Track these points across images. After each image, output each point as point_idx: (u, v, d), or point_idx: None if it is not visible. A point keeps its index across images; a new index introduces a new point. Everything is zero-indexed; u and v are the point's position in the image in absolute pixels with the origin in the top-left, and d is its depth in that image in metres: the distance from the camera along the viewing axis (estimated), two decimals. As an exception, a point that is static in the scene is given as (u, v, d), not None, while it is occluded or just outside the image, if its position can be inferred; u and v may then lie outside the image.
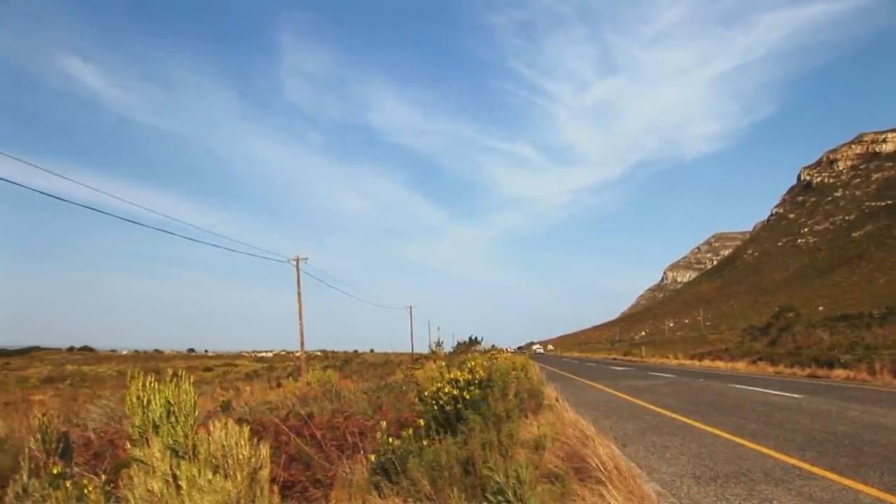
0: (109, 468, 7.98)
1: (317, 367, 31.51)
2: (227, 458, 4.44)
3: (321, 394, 19.63)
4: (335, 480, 7.47)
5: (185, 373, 5.21)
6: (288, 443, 9.03)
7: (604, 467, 7.16)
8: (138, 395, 5.00)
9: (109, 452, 9.55)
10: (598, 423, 12.14)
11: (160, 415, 4.85)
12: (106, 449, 9.94)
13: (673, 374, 38.15)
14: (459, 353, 37.41)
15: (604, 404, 19.42)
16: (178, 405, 4.89)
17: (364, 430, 10.00)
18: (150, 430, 4.86)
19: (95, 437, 11.80)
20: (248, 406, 18.86)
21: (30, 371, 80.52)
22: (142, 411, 4.96)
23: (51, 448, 8.47)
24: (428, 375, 20.22)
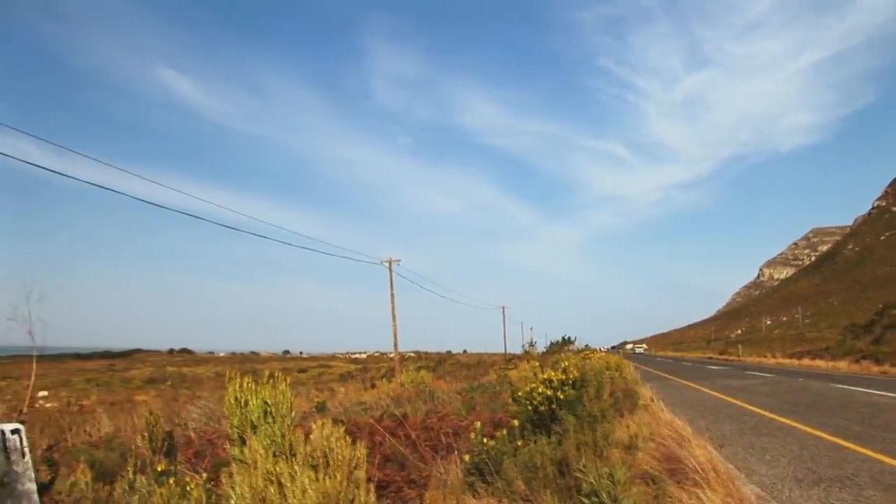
0: (210, 466, 8.24)
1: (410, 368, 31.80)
2: (324, 457, 4.51)
3: (415, 394, 19.78)
4: (430, 480, 7.50)
5: (281, 374, 5.33)
6: (383, 443, 9.13)
7: (701, 469, 7.00)
8: (236, 395, 5.14)
9: (209, 451, 9.86)
10: (694, 423, 11.91)
11: (258, 415, 4.98)
12: (206, 448, 10.27)
13: (771, 374, 37.01)
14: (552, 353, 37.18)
15: (700, 404, 19.02)
16: (274, 406, 5.00)
17: (458, 430, 10.02)
18: (248, 429, 4.99)
19: (196, 436, 12.22)
20: (343, 407, 19.16)
21: (133, 372, 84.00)
22: (240, 412, 5.09)
23: (156, 446, 8.80)
24: (521, 375, 20.14)
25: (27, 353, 9.81)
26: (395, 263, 40.70)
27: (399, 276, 40.60)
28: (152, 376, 78.09)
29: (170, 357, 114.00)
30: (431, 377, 28.04)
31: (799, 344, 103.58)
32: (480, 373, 40.13)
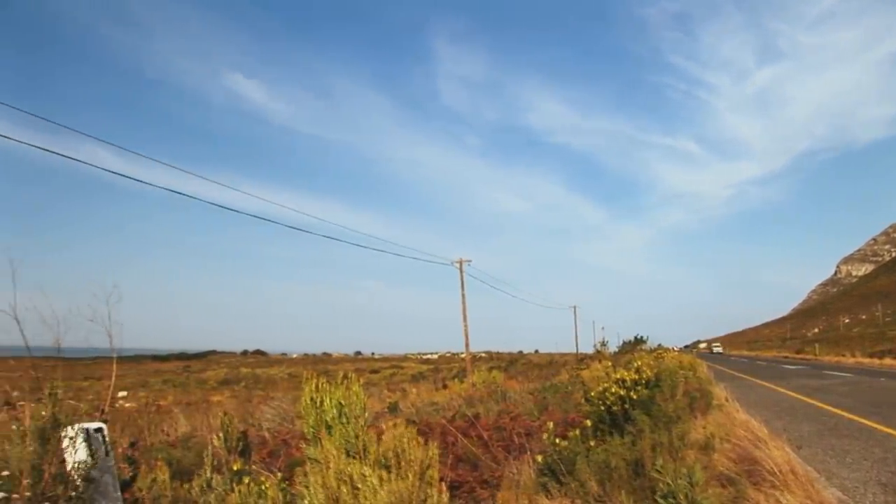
0: (284, 466, 8.40)
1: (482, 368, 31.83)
2: (397, 457, 4.56)
3: (487, 395, 19.80)
4: (502, 481, 7.51)
5: (354, 375, 5.41)
6: (455, 443, 9.17)
7: (779, 470, 6.85)
8: (312, 396, 5.24)
9: (283, 451, 10.05)
10: (770, 423, 11.65)
11: (332, 416, 5.06)
12: (280, 448, 10.47)
13: (850, 373, 35.88)
14: (625, 353, 36.77)
15: (775, 404, 18.60)
16: (348, 406, 5.08)
17: (530, 430, 10.01)
18: (322, 429, 5.07)
19: (270, 436, 12.47)
20: (415, 407, 19.30)
21: (208, 374, 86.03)
22: (315, 412, 5.19)
23: (231, 446, 9.01)
24: (593, 375, 19.99)
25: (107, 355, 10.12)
26: (465, 264, 40.72)
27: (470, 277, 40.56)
28: (227, 377, 79.85)
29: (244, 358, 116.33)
30: (503, 377, 28.03)
31: (879, 343, 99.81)
32: (552, 373, 39.95)
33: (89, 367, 56.22)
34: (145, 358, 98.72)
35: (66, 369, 8.06)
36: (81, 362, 58.32)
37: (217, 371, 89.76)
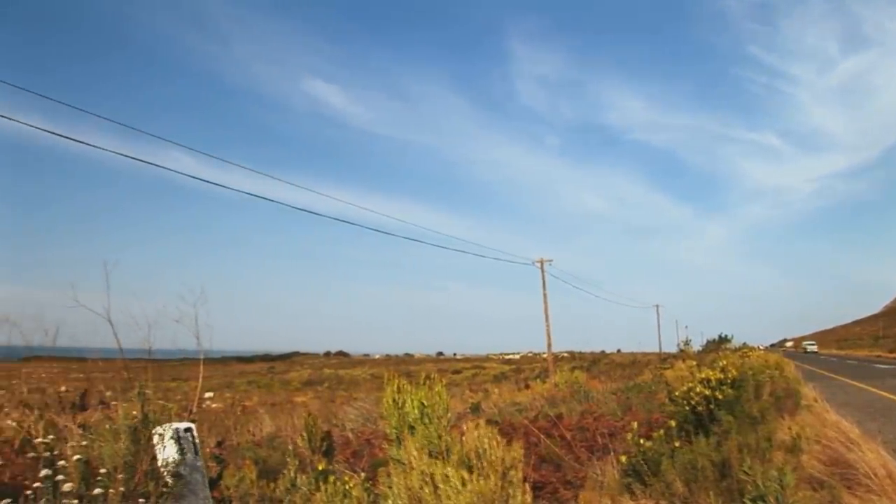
0: (367, 466, 8.52)
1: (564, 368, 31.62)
2: (480, 458, 4.58)
3: (569, 395, 19.70)
4: (586, 482, 7.47)
5: (437, 375, 5.45)
6: (538, 444, 9.15)
7: (874, 474, 6.59)
8: (394, 397, 5.30)
9: (367, 451, 10.19)
10: (863, 425, 11.25)
11: (415, 416, 5.11)
12: (363, 448, 10.62)
13: (949, 374, 34.09)
14: (709, 352, 36.01)
15: (868, 405, 17.90)
16: (431, 407, 5.12)
17: (614, 431, 9.92)
18: (405, 430, 5.13)
19: (353, 436, 12.65)
20: (497, 407, 19.31)
21: (291, 374, 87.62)
22: (398, 413, 5.25)
23: (316, 446, 9.18)
24: (677, 375, 19.65)
25: (194, 357, 10.43)
26: (547, 264, 40.48)
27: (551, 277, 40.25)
28: (310, 378, 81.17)
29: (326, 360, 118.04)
30: (585, 377, 27.81)
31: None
32: (635, 372, 39.47)
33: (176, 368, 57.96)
34: (230, 359, 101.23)
35: (155, 370, 8.36)
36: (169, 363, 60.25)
37: (300, 372, 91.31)
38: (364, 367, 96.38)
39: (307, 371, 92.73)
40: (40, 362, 10.29)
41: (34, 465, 5.83)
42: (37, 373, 9.59)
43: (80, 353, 10.72)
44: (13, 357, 9.16)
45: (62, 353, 9.47)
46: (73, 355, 11.11)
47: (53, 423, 7.63)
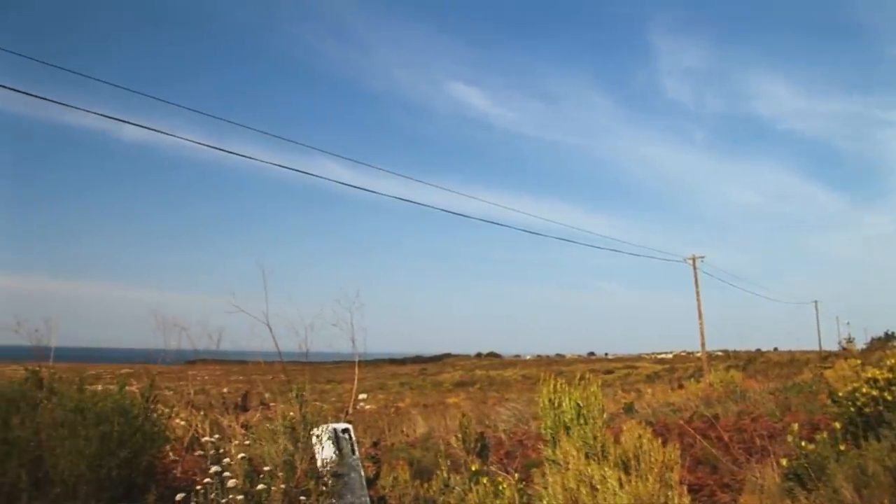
0: (520, 467, 8.52)
1: (719, 368, 30.50)
2: (636, 458, 4.48)
3: (724, 395, 19.06)
4: (744, 485, 7.20)
5: (590, 376, 5.38)
6: (693, 445, 8.90)
7: None
8: (550, 397, 5.28)
9: (519, 452, 10.20)
10: None
11: (571, 416, 5.07)
12: (516, 449, 10.63)
13: None
14: (874, 350, 33.80)
15: None
16: (586, 407, 5.06)
17: (772, 432, 9.52)
18: (561, 430, 5.09)
19: (506, 437, 12.69)
20: (651, 408, 18.94)
21: (443, 376, 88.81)
22: (553, 413, 5.22)
23: (469, 447, 9.27)
24: (839, 374, 18.60)
25: (348, 359, 10.73)
26: (698, 260, 39.19)
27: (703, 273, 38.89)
28: (462, 379, 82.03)
29: (478, 361, 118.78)
30: (741, 376, 26.77)
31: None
32: (793, 372, 37.68)
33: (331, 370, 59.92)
34: (383, 361, 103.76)
35: (312, 372, 8.66)
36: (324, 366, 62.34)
37: (452, 373, 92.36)
38: (515, 368, 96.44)
39: (459, 372, 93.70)
40: (204, 365, 10.90)
41: (202, 461, 6.17)
42: (201, 375, 10.16)
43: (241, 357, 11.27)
44: (181, 360, 9.72)
45: (224, 357, 9.97)
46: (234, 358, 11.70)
47: (218, 423, 8.03)
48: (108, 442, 5.48)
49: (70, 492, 5.31)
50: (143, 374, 8.81)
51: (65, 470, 5.29)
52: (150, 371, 8.32)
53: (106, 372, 26.56)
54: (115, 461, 5.47)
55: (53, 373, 6.49)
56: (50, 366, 6.73)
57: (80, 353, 17.95)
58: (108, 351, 51.61)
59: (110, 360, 40.34)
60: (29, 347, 7.07)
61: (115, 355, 41.46)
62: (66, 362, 7.89)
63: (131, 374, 9.93)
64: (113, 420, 5.60)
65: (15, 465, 5.21)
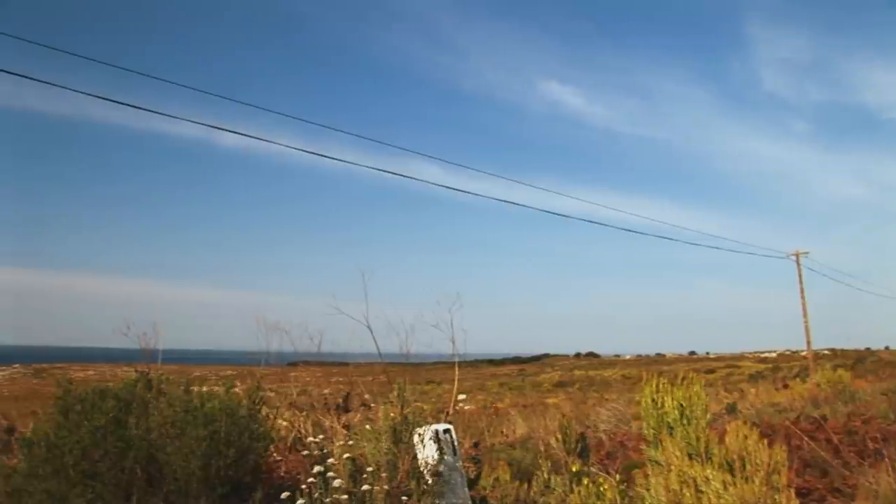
0: (621, 468, 8.39)
1: (825, 367, 29.36)
2: (742, 460, 4.36)
3: (832, 395, 18.36)
4: (857, 490, 6.91)
5: (692, 375, 5.26)
6: (800, 447, 8.61)
7: None
8: (652, 397, 5.19)
9: (620, 453, 10.05)
10: None
11: (674, 416, 4.96)
12: (617, 450, 10.48)
13: None
14: None
15: None
16: (689, 407, 4.95)
17: (886, 435, 9.12)
18: (664, 431, 4.99)
19: (606, 438, 12.52)
20: (755, 408, 18.44)
21: (542, 377, 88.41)
22: (656, 413, 5.13)
23: (570, 447, 9.18)
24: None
25: (448, 360, 10.79)
26: (802, 256, 37.82)
27: (808, 270, 37.49)
28: (561, 380, 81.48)
29: (576, 361, 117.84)
30: (850, 376, 25.72)
31: None
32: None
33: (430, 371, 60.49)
34: (482, 362, 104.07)
35: (412, 373, 8.75)
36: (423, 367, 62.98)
37: (551, 374, 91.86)
38: (615, 368, 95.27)
39: (558, 373, 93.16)
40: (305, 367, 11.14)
41: (306, 461, 6.31)
42: (302, 377, 10.37)
43: (341, 358, 11.47)
44: (283, 362, 9.97)
45: (325, 359, 10.16)
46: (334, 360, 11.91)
47: (320, 424, 8.19)
48: (217, 441, 5.67)
49: (182, 489, 5.51)
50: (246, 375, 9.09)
51: (176, 468, 5.50)
52: (256, 373, 8.56)
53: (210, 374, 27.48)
54: (224, 460, 5.65)
55: (161, 374, 6.74)
56: (158, 368, 6.99)
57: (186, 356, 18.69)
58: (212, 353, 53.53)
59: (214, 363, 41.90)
60: (138, 350, 7.37)
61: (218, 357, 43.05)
62: (173, 364, 8.21)
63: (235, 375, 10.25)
64: (221, 420, 5.79)
65: (130, 462, 5.45)
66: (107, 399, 5.70)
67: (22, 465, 5.64)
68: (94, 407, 5.58)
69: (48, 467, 5.33)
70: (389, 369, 9.14)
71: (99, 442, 5.38)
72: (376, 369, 9.91)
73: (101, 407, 5.57)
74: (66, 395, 5.81)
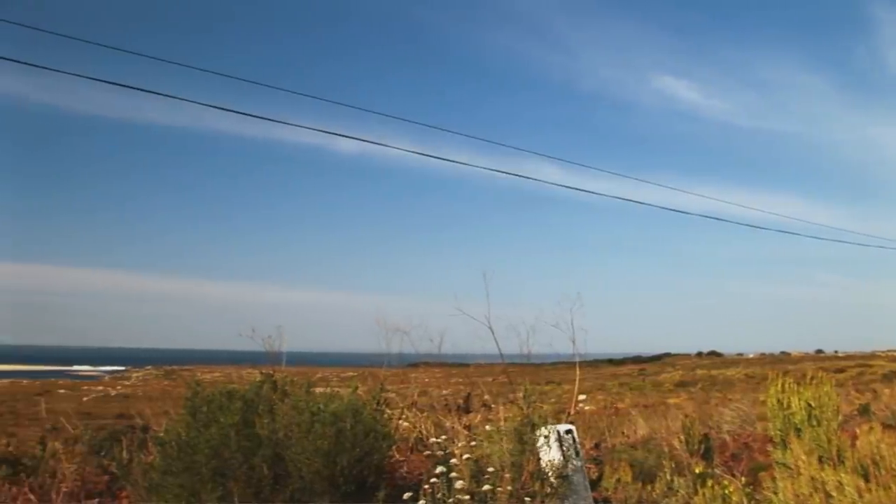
0: (746, 470, 8.12)
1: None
2: (876, 465, 4.16)
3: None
4: None
5: (821, 374, 5.06)
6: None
7: None
8: (778, 397, 5.02)
9: (745, 455, 9.72)
10: None
11: (801, 418, 4.79)
12: (742, 451, 10.15)
13: None
14: None
15: None
16: (818, 408, 4.77)
17: None
18: (791, 433, 4.83)
19: (730, 439, 12.13)
20: (890, 409, 17.49)
21: (663, 376, 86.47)
22: (782, 414, 4.96)
23: (693, 448, 8.96)
24: None
25: (567, 360, 10.70)
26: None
27: (951, 261, 35.26)
28: (682, 379, 79.51)
29: (698, 360, 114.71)
30: None
31: None
32: None
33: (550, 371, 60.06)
34: (601, 362, 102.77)
35: (532, 373, 8.73)
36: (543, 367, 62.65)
37: (672, 373, 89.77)
38: (738, 367, 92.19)
39: (679, 372, 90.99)
40: (426, 368, 11.28)
41: (427, 462, 6.39)
42: (422, 378, 10.48)
43: (462, 359, 11.54)
44: (403, 364, 10.11)
45: (445, 360, 10.24)
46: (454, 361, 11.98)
47: (441, 424, 8.27)
48: (342, 441, 5.81)
49: (307, 487, 5.69)
50: (367, 377, 9.27)
51: (302, 466, 5.67)
52: (378, 374, 8.73)
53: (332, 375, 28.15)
54: (348, 459, 5.79)
55: (285, 376, 6.96)
56: (282, 369, 7.22)
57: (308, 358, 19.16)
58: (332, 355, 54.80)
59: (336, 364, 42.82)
60: (261, 352, 7.64)
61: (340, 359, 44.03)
62: (296, 366, 8.47)
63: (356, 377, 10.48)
64: (345, 420, 5.93)
65: (258, 461, 5.66)
66: (234, 400, 5.94)
67: (157, 462, 5.96)
68: (222, 408, 5.83)
69: (180, 464, 5.61)
70: (510, 370, 9.14)
71: (228, 441, 5.61)
72: (496, 370, 9.94)
73: (229, 407, 5.82)
74: (195, 396, 6.10)
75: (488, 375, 11.90)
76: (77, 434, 9.22)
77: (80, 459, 8.04)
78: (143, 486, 5.96)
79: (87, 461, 8.09)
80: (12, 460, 8.00)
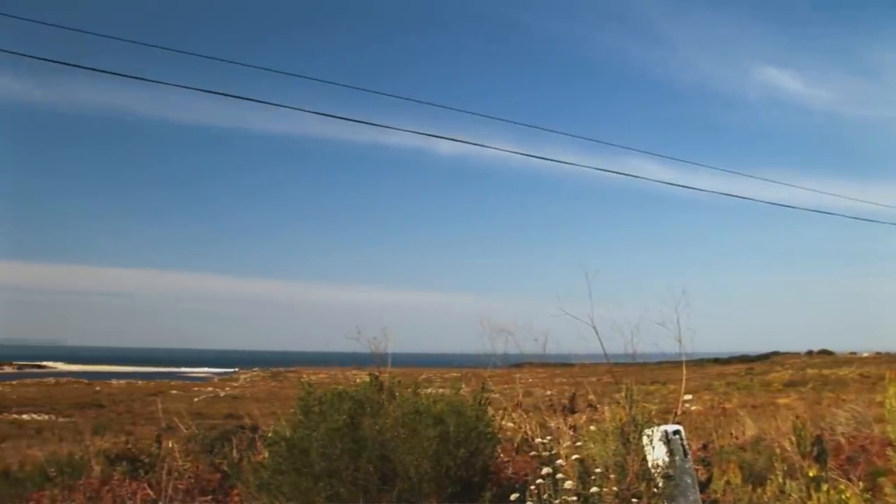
0: (864, 474, 7.81)
1: None
2: None
3: None
4: None
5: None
6: None
7: None
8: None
9: (862, 458, 9.33)
10: None
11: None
12: (858, 454, 9.75)
13: None
14: None
15: None
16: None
17: None
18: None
19: (845, 441, 11.66)
20: None
21: (772, 375, 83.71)
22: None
23: (805, 450, 8.66)
24: None
25: (673, 360, 10.51)
26: None
27: None
28: (792, 379, 76.79)
29: (809, 359, 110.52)
30: None
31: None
32: None
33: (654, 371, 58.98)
34: (707, 361, 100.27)
35: (637, 373, 8.63)
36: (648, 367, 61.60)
37: (781, 372, 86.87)
38: (851, 367, 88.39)
39: (788, 371, 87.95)
40: (530, 368, 11.27)
41: (532, 462, 6.40)
42: (525, 378, 10.47)
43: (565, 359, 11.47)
44: (507, 364, 10.12)
45: (549, 360, 10.21)
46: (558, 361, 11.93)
47: (545, 425, 8.25)
48: (447, 441, 5.88)
49: (414, 487, 5.78)
50: (471, 377, 9.31)
51: (409, 467, 5.77)
52: (482, 374, 8.78)
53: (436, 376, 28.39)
54: (454, 460, 5.86)
55: (391, 377, 7.08)
56: (387, 371, 7.34)
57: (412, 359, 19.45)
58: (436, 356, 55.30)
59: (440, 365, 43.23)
60: (368, 354, 7.78)
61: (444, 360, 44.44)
62: (401, 367, 8.59)
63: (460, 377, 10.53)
64: (450, 421, 6.00)
65: (364, 462, 5.78)
66: (344, 401, 6.09)
67: (268, 462, 6.17)
68: (332, 407, 5.99)
69: (289, 464, 5.79)
70: (614, 369, 9.04)
71: (336, 441, 5.76)
72: (601, 369, 9.84)
73: (339, 408, 5.97)
74: (308, 396, 6.28)
75: (593, 375, 11.80)
76: (190, 433, 9.66)
77: (193, 457, 8.43)
78: (254, 485, 6.19)
79: (201, 459, 8.47)
80: (131, 458, 8.44)
